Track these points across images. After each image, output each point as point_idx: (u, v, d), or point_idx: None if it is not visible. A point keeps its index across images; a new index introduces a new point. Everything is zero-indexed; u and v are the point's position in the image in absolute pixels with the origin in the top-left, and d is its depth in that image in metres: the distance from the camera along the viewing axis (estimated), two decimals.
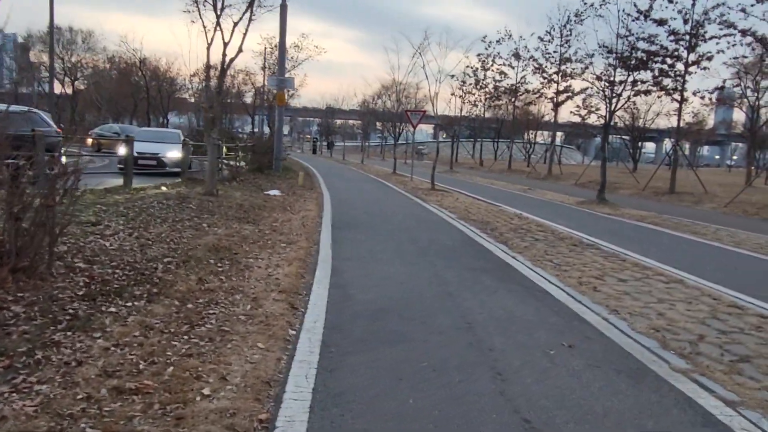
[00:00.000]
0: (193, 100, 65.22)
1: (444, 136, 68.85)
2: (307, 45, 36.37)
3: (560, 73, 34.60)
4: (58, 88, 54.14)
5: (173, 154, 15.84)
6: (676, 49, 24.20)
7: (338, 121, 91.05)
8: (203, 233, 7.51)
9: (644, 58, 23.88)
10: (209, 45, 10.66)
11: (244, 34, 10.82)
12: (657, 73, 24.54)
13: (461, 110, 52.32)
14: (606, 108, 22.60)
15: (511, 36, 48.14)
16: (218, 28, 10.43)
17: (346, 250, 7.71)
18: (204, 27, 10.72)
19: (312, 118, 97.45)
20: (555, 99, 35.90)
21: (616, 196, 24.17)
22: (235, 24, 10.46)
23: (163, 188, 11.44)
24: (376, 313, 4.94)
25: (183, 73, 46.90)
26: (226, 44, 10.50)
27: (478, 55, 44.92)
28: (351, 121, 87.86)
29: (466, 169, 44.93)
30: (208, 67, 10.75)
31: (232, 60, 10.62)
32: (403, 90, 46.66)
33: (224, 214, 9.29)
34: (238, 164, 17.52)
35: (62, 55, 48.82)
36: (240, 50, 10.73)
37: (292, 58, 32.95)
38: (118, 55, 49.83)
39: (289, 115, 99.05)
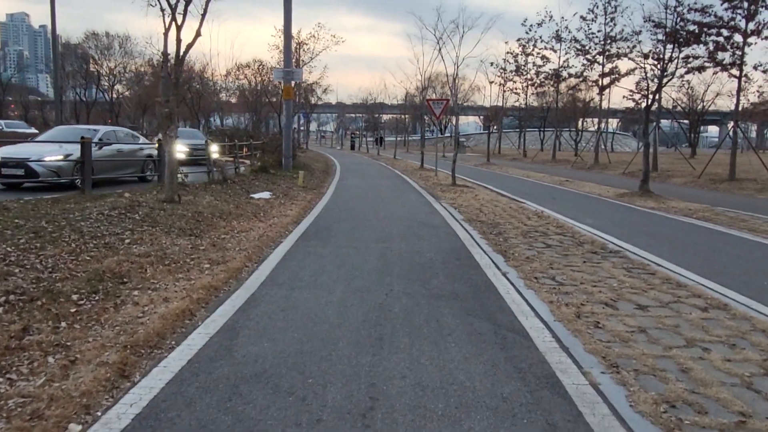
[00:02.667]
0: (234, 99, 65.24)
1: (494, 128, 66.30)
2: (323, 35, 34.91)
3: (604, 54, 32.02)
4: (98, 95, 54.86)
5: (52, 158, 11.23)
6: (733, 19, 21.58)
7: (385, 116, 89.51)
8: (112, 253, 6.11)
9: (696, 31, 21.35)
10: (166, 30, 9.31)
11: (203, 15, 9.38)
12: (712, 47, 22.01)
13: (503, 99, 50.11)
14: (648, 89, 20.17)
15: (552, 17, 45.74)
16: (171, 10, 9.05)
17: (289, 271, 6.16)
18: (162, 10, 9.39)
19: (357, 114, 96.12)
20: (600, 82, 33.29)
21: (667, 185, 21.78)
22: (187, 3, 9.07)
23: (126, 194, 10.19)
24: (241, 383, 3.37)
25: (217, 73, 46.38)
26: (179, 27, 9.10)
27: (518, 39, 42.78)
28: (391, 116, 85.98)
29: (507, 161, 42.69)
30: (165, 55, 9.40)
31: (189, 46, 9.24)
32: (433, 82, 44.62)
33: (169, 225, 7.90)
34: (236, 165, 16.25)
35: (100, 61, 49.15)
36: (198, 34, 9.34)
37: (308, 49, 31.50)
38: (156, 59, 49.88)
39: (334, 111, 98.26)
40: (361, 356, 3.82)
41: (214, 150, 16.54)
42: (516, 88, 46.84)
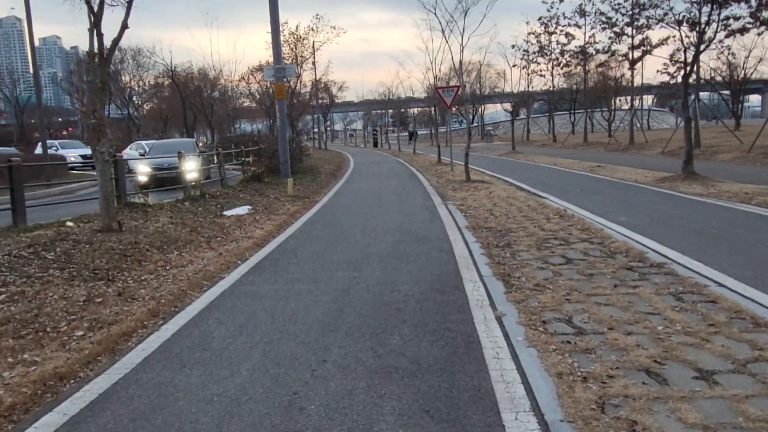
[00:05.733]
0: (254, 105, 64.38)
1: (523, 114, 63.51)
2: (322, 27, 33.23)
3: (633, 25, 29.45)
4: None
5: None
6: None
7: (414, 110, 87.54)
8: None
9: None
10: (91, 27, 7.76)
11: (129, 5, 7.79)
12: (755, 4, 19.54)
13: (528, 83, 47.65)
14: (685, 58, 17.87)
15: None
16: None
17: (198, 332, 4.46)
18: (87, 3, 7.83)
19: (383, 110, 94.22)
20: (629, 56, 30.68)
21: (714, 163, 19.42)
22: None
23: (69, 223, 8.69)
24: None
25: (229, 79, 45.35)
26: (98, 20, 7.50)
27: (540, 18, 40.31)
28: (418, 109, 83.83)
29: (536, 147, 40.33)
30: (90, 55, 7.82)
31: (115, 41, 7.65)
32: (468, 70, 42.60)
33: (84, 265, 6.28)
34: (222, 176, 14.67)
35: (115, 76, 48.53)
36: (125, 26, 7.73)
37: (307, 44, 29.90)
38: (170, 70, 49.08)
39: (358, 109, 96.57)
40: None
41: (190, 168, 14.39)
42: (541, 70, 44.33)
